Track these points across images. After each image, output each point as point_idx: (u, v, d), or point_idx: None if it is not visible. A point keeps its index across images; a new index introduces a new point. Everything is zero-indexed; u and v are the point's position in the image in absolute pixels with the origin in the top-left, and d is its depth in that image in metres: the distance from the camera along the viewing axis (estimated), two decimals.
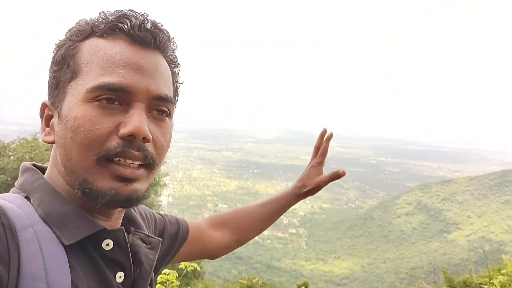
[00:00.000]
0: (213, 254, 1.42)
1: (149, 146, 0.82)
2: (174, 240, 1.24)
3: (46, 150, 15.72)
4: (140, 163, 0.81)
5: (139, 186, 0.82)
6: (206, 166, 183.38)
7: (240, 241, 1.48)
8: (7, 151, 16.72)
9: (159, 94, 0.83)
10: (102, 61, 0.79)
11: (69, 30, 0.87)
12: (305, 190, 1.48)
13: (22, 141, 17.51)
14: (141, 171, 0.82)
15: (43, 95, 0.86)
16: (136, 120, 0.77)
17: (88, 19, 0.86)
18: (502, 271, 3.15)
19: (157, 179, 20.33)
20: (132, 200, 0.81)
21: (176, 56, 0.93)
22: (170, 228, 1.23)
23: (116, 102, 0.79)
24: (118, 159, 0.78)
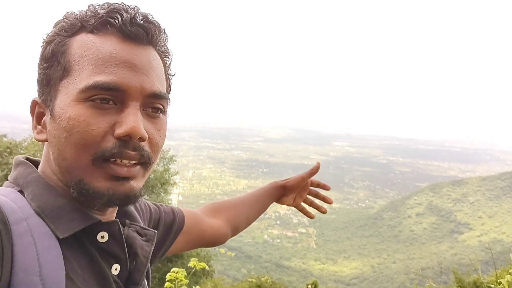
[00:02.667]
0: (211, 241, 1.42)
1: (145, 145, 0.81)
2: (169, 230, 1.23)
3: None
4: (136, 162, 0.81)
5: (136, 184, 0.81)
6: (216, 165, 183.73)
7: (235, 230, 1.50)
8: (19, 149, 16.87)
9: (154, 91, 0.81)
10: (94, 59, 0.77)
11: (57, 23, 0.85)
12: (284, 181, 1.61)
13: (33, 139, 17.65)
14: (137, 168, 0.81)
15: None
16: (132, 120, 0.77)
17: (77, 13, 0.84)
18: (510, 271, 3.15)
19: (167, 178, 20.42)
20: (129, 198, 0.80)
21: (167, 48, 0.92)
22: (165, 218, 1.23)
23: (110, 102, 0.78)
24: (113, 159, 0.77)
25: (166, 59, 0.92)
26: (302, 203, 1.67)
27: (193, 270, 3.82)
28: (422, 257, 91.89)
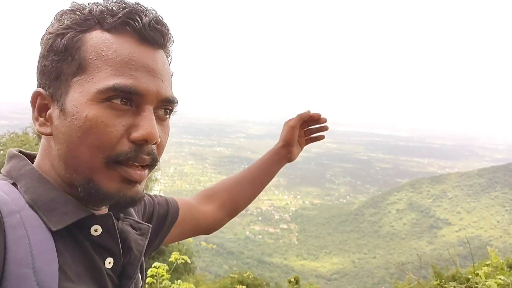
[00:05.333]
0: (208, 229, 1.42)
1: (155, 148, 0.83)
2: (163, 221, 1.23)
3: (36, 144, 15.65)
4: (146, 164, 0.82)
5: (141, 187, 0.83)
6: (198, 161, 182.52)
7: (233, 212, 1.49)
8: None
9: (167, 96, 0.83)
10: (113, 60, 0.77)
11: (64, 14, 0.83)
12: (279, 142, 1.54)
13: (12, 135, 17.42)
14: (146, 172, 0.83)
15: (32, 89, 0.83)
16: (149, 125, 0.78)
17: (89, 6, 0.83)
18: (487, 263, 3.21)
19: None
20: (135, 201, 0.82)
21: (170, 49, 0.93)
22: (159, 210, 1.23)
23: (127, 104, 0.78)
24: (126, 162, 0.78)
25: (169, 58, 0.93)
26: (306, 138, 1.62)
27: (174, 265, 3.82)
28: (402, 252, 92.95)
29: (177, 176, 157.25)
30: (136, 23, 0.80)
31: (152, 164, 0.84)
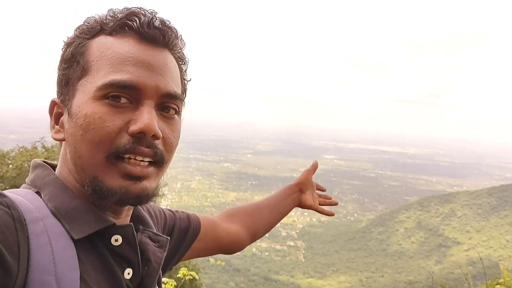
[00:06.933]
0: (229, 247, 1.42)
1: (158, 143, 0.83)
2: (183, 236, 1.24)
3: (45, 158, 15.74)
4: (150, 160, 0.82)
5: (149, 184, 0.83)
6: (205, 177, 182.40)
7: (254, 236, 1.51)
8: (6, 160, 16.71)
9: (168, 91, 0.83)
10: (111, 59, 0.80)
11: (78, 27, 0.87)
12: (297, 181, 1.64)
13: (21, 149, 17.52)
14: (151, 169, 0.83)
15: (42, 104, 0.78)
16: (146, 117, 0.78)
17: (97, 17, 0.87)
18: (500, 281, 3.17)
19: None
20: (142, 198, 0.82)
21: (184, 54, 0.94)
22: (180, 224, 1.24)
23: (126, 100, 0.80)
24: (128, 156, 0.79)
25: (182, 65, 0.94)
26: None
27: (182, 281, 3.80)
28: (410, 271, 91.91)
29: (184, 192, 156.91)
30: (134, 23, 0.82)
31: (158, 161, 0.84)
